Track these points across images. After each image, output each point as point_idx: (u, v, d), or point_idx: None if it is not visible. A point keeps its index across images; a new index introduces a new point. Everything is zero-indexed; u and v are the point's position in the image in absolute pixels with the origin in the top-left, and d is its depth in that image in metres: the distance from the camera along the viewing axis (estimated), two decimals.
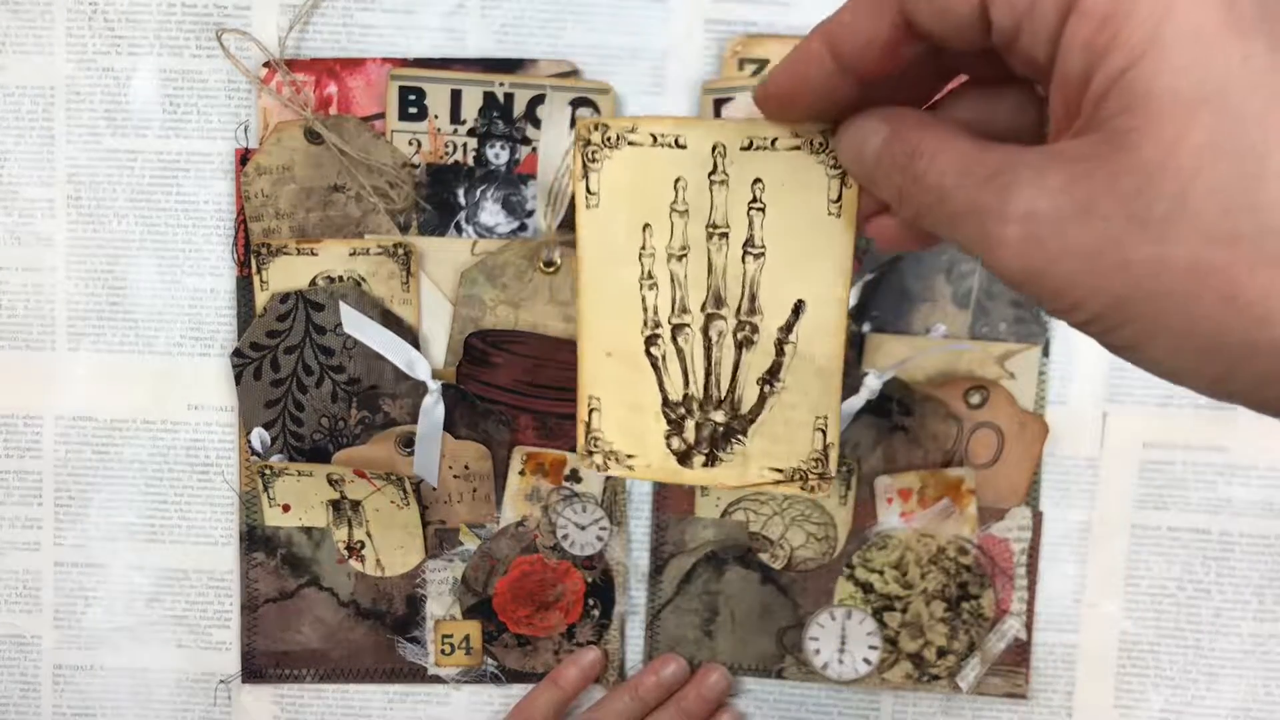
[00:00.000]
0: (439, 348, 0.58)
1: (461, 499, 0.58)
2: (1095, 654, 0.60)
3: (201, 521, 0.60)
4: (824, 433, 0.35)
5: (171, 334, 0.59)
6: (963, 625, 0.59)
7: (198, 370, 0.59)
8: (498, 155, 0.57)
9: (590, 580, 0.59)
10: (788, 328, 0.34)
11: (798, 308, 0.34)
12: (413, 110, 0.57)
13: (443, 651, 0.59)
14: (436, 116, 0.57)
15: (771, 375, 0.35)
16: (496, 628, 0.59)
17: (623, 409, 0.36)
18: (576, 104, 0.56)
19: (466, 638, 0.59)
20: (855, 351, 0.57)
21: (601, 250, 0.35)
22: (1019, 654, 0.59)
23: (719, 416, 0.36)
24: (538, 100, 0.56)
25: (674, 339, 0.35)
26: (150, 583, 0.60)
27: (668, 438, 0.36)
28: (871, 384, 0.56)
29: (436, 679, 0.60)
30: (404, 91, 0.57)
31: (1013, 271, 0.26)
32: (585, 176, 0.34)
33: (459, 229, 0.57)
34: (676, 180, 0.34)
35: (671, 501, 0.59)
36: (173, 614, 0.60)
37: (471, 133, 0.57)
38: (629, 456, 0.37)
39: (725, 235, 0.34)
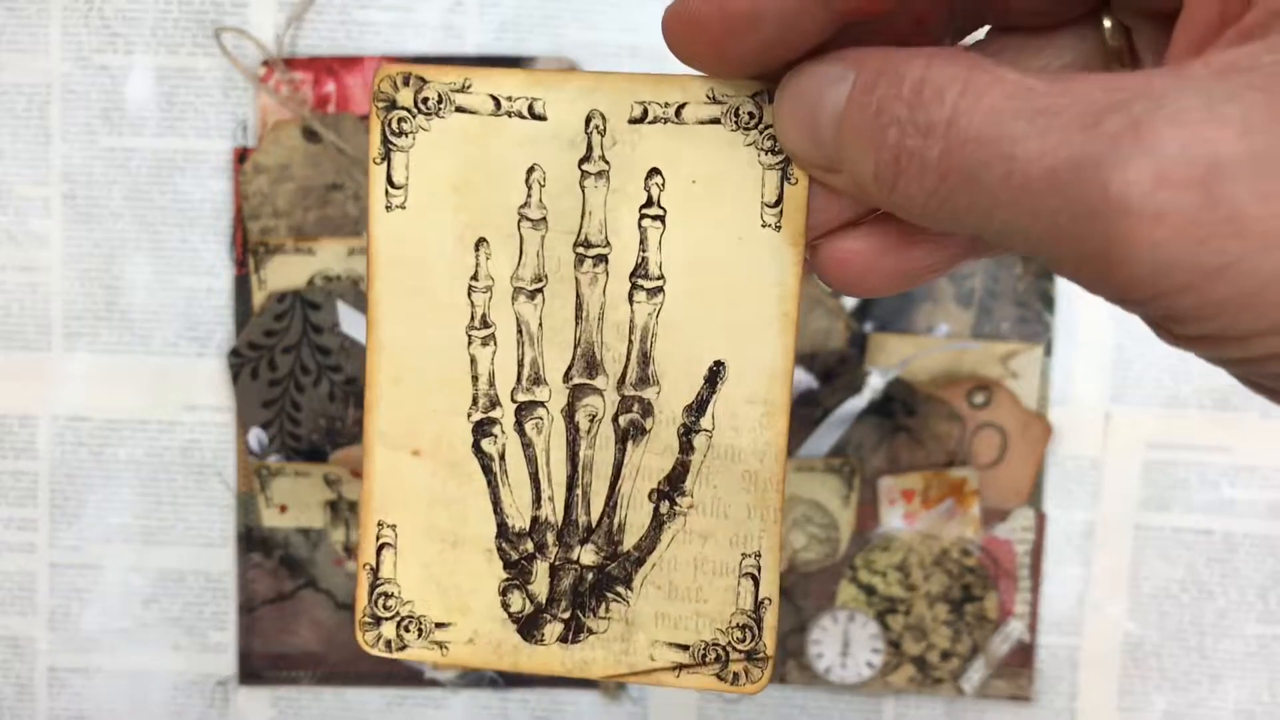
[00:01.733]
0: None
1: None
2: (1099, 656, 0.60)
3: (198, 522, 0.59)
4: (755, 581, 0.23)
5: (168, 334, 0.58)
6: (966, 628, 0.58)
7: (194, 370, 0.58)
8: None
9: None
10: (699, 407, 0.23)
11: (714, 373, 0.23)
12: None
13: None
14: None
15: (672, 486, 0.23)
16: None
17: (433, 545, 0.24)
18: None
19: None
20: (858, 351, 0.57)
21: (408, 280, 0.23)
22: (1022, 656, 0.59)
23: (588, 556, 0.23)
24: None
25: (519, 427, 0.23)
26: (146, 584, 0.60)
27: (504, 592, 0.24)
28: (875, 383, 0.56)
29: (434, 682, 0.59)
30: None
31: (1164, 270, 0.15)
32: (387, 159, 0.23)
33: None
34: (530, 171, 0.23)
35: None
36: (169, 616, 0.60)
37: None
38: (439, 627, 0.24)
39: (603, 259, 0.23)
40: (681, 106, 0.22)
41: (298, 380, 0.57)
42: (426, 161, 0.23)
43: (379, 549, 0.24)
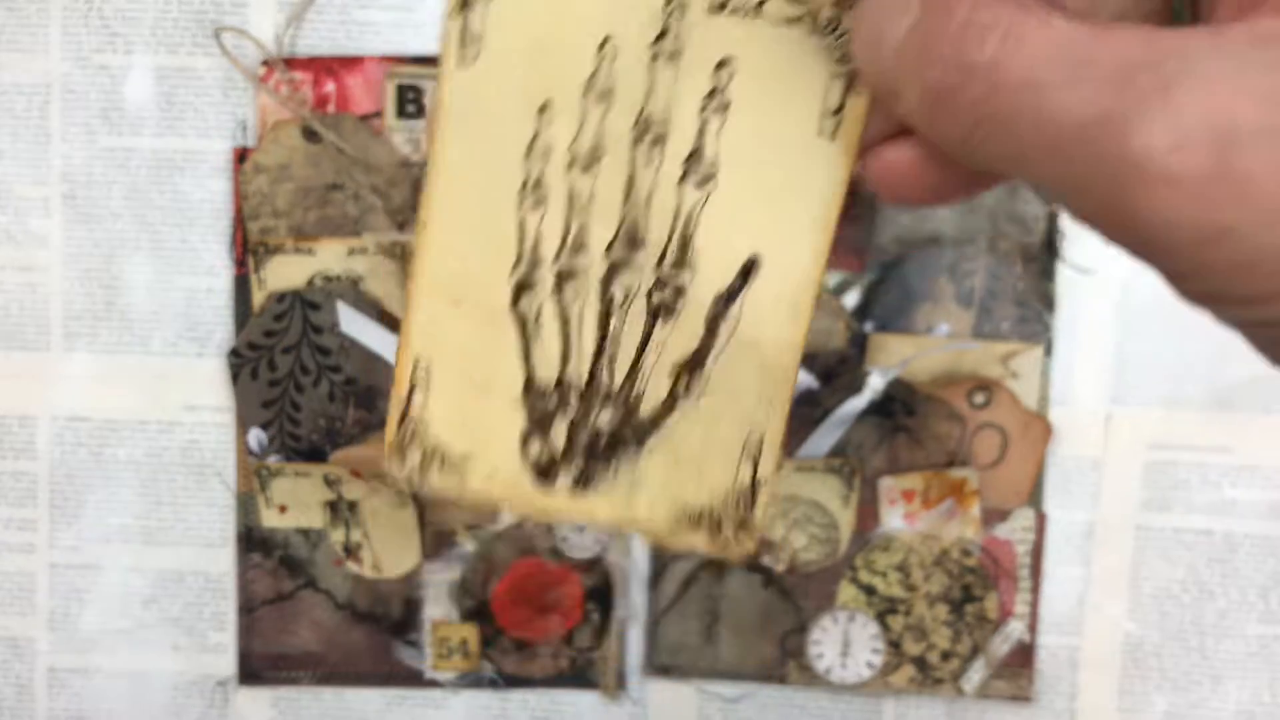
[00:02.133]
0: None
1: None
2: (1099, 656, 0.60)
3: (198, 523, 0.59)
4: (755, 461, 0.25)
5: (167, 334, 0.58)
6: (966, 628, 0.58)
7: (194, 370, 0.58)
8: None
9: (589, 584, 0.59)
10: (729, 296, 0.24)
11: (749, 268, 0.24)
12: (411, 108, 0.57)
13: (440, 655, 0.59)
14: None
15: (693, 364, 0.24)
16: (494, 631, 0.59)
17: (463, 387, 0.25)
18: None
19: (464, 641, 0.59)
20: (858, 351, 0.57)
21: (472, 135, 0.23)
22: (1023, 657, 0.59)
23: (606, 417, 0.25)
24: None
25: (557, 291, 0.24)
26: (146, 584, 0.60)
27: (525, 439, 0.25)
28: (875, 384, 0.56)
29: (434, 683, 0.59)
30: (402, 90, 0.56)
31: (1172, 229, 0.16)
32: (465, 7, 0.23)
33: None
34: (604, 42, 0.23)
35: None
36: (169, 616, 0.60)
37: None
38: (462, 459, 0.25)
39: (661, 141, 0.23)
40: (763, 2, 0.22)
41: (297, 380, 0.57)
42: (505, 17, 0.23)
43: (411, 387, 0.25)
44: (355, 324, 0.56)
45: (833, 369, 0.57)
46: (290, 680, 0.60)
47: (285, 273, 0.57)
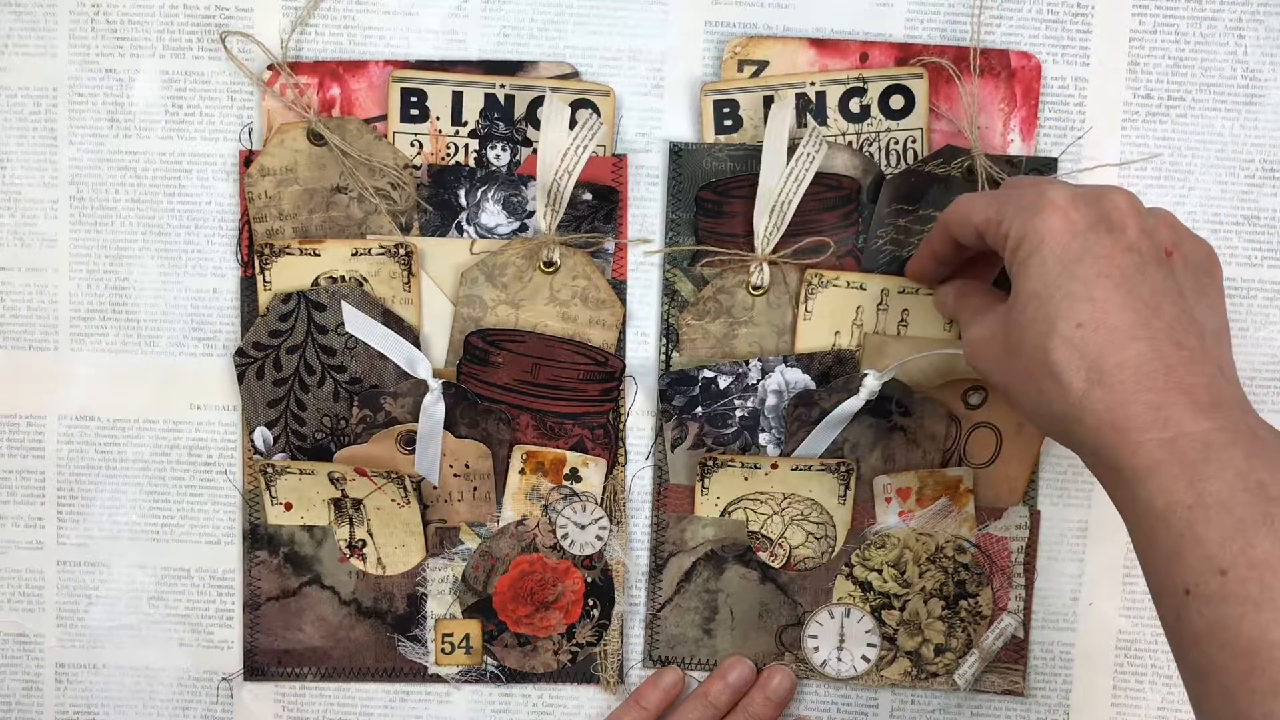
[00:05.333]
0: (440, 347, 0.58)
1: (462, 498, 0.59)
2: (1092, 652, 0.60)
3: (204, 520, 0.60)
4: None
5: (174, 334, 0.59)
6: (960, 623, 0.59)
7: (200, 370, 0.59)
8: (498, 156, 0.58)
9: (590, 580, 0.59)
10: None
11: None
12: (414, 112, 0.57)
13: (443, 650, 0.59)
14: (438, 118, 0.57)
15: None
16: (496, 627, 0.59)
17: None
18: (576, 106, 0.57)
19: (466, 637, 0.59)
20: (855, 352, 0.58)
21: None
22: (1016, 652, 0.60)
23: None
24: (538, 102, 0.56)
25: None
26: (153, 581, 0.60)
27: None
28: (870, 384, 0.56)
29: (437, 678, 0.60)
30: (406, 93, 0.57)
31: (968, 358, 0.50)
32: None
33: (460, 230, 0.58)
34: None
35: (671, 501, 0.59)
36: (175, 613, 0.60)
37: (473, 134, 0.57)
38: None
39: None
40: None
41: (302, 380, 0.58)
42: None
43: None
44: (359, 324, 0.57)
45: (830, 369, 0.58)
46: (295, 676, 0.60)
47: (290, 274, 0.57)
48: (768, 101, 0.57)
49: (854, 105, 0.57)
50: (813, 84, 0.57)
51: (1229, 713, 0.39)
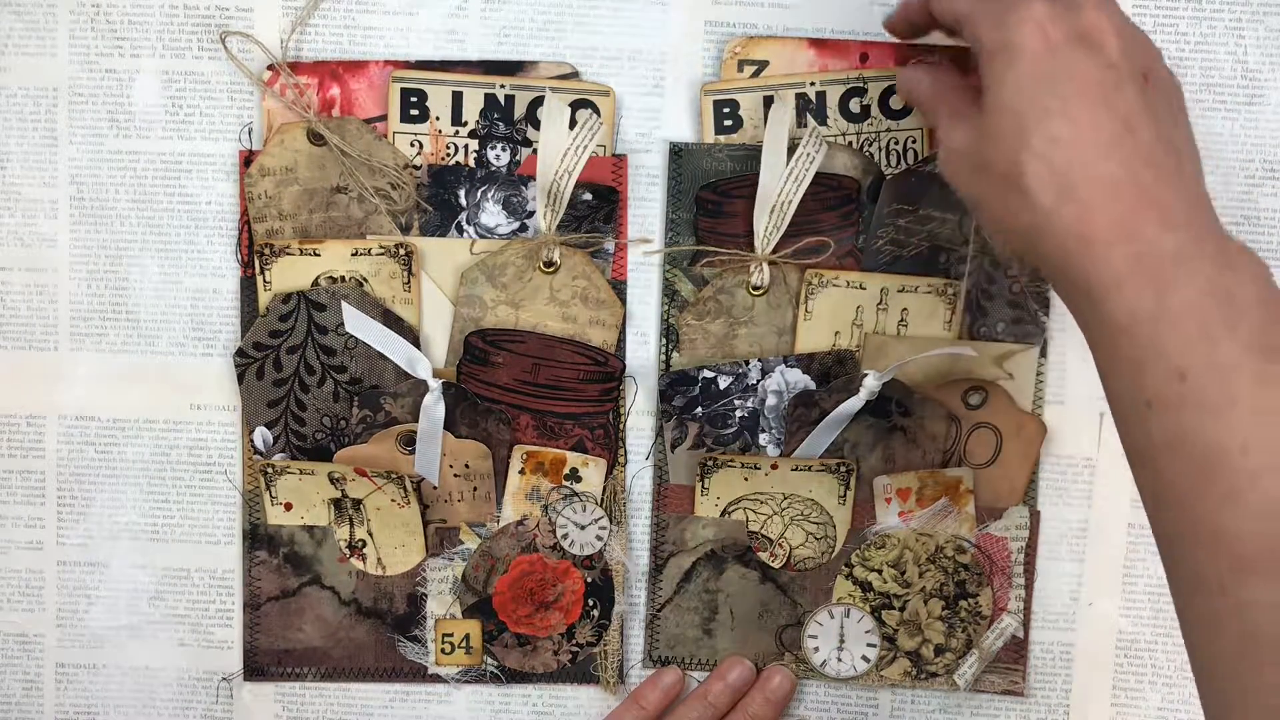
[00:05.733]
0: (440, 347, 0.58)
1: (462, 498, 0.59)
2: (1092, 652, 0.60)
3: (204, 520, 0.60)
4: None
5: (174, 334, 0.59)
6: (960, 623, 0.59)
7: (200, 370, 0.59)
8: (498, 156, 0.58)
9: (590, 580, 0.59)
10: None
11: None
12: (414, 112, 0.57)
13: (443, 650, 0.59)
14: (438, 118, 0.57)
15: None
16: (496, 627, 0.59)
17: None
18: (576, 106, 0.57)
19: (466, 637, 0.59)
20: (855, 352, 0.58)
21: None
22: (1016, 652, 0.60)
23: None
24: (538, 102, 0.56)
25: None
26: (153, 581, 0.60)
27: None
28: (870, 385, 0.56)
29: (437, 678, 0.60)
30: (405, 93, 0.57)
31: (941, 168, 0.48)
32: None
33: (460, 230, 0.58)
34: None
35: (671, 501, 0.59)
36: (175, 613, 0.60)
37: (472, 134, 0.57)
38: None
39: None
40: None
41: (302, 380, 0.58)
42: None
43: None
44: (359, 324, 0.57)
45: (830, 370, 0.58)
46: (295, 676, 0.60)
47: (290, 274, 0.57)
48: (768, 101, 0.57)
49: (854, 105, 0.57)
50: (813, 84, 0.57)
51: (1184, 523, 0.39)
